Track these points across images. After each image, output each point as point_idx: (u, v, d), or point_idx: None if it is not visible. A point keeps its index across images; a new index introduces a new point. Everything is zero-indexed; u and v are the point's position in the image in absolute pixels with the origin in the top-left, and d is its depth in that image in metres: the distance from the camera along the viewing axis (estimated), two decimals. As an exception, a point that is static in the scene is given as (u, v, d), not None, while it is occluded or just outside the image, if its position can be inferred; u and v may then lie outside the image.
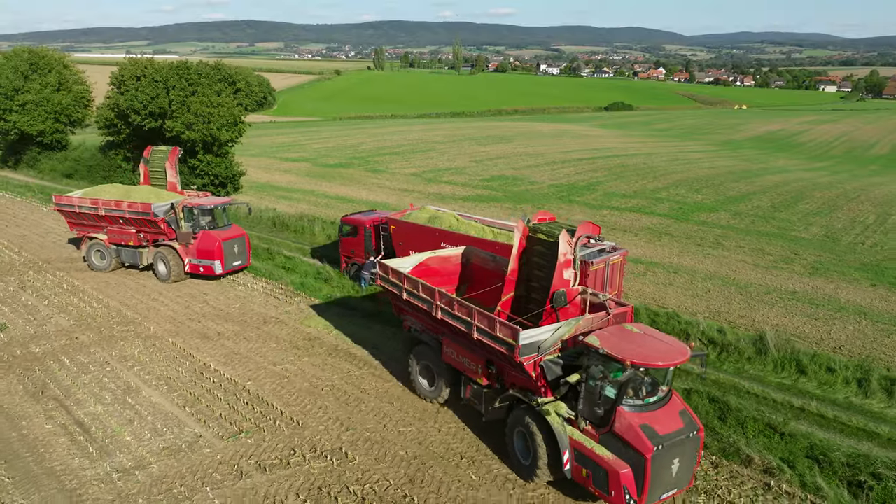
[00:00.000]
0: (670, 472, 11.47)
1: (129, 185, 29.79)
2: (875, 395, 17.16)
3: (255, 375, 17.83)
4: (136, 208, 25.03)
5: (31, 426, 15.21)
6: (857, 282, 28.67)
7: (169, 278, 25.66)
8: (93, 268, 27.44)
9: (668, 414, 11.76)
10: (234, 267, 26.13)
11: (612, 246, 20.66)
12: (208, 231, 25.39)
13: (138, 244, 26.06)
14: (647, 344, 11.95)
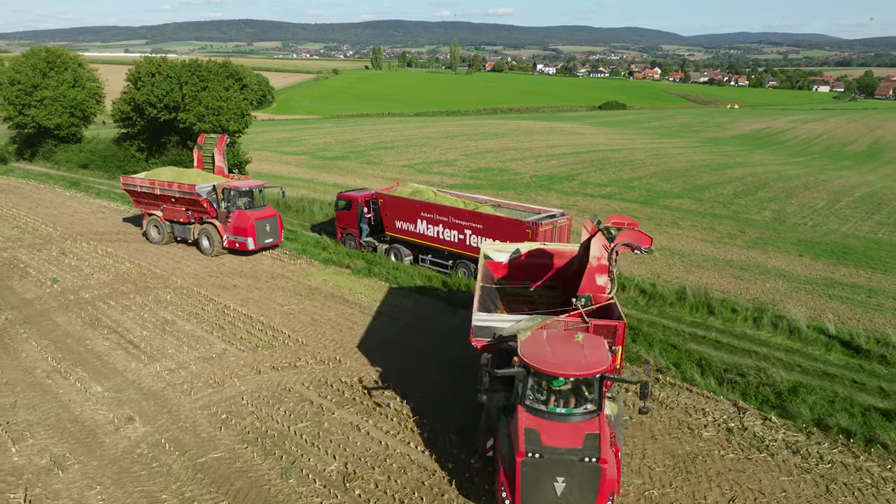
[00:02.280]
0: (553, 492, 10.86)
1: (182, 168, 32.71)
2: (765, 328, 21.43)
3: (267, 312, 22.07)
4: (183, 189, 28.14)
5: (94, 343, 19.45)
6: (787, 253, 32.93)
7: (212, 252, 28.67)
8: (150, 240, 30.95)
9: (569, 430, 11.08)
10: (266, 244, 28.74)
11: (560, 213, 24.97)
12: (243, 211, 28.15)
13: (187, 221, 29.23)
14: (563, 352, 11.68)
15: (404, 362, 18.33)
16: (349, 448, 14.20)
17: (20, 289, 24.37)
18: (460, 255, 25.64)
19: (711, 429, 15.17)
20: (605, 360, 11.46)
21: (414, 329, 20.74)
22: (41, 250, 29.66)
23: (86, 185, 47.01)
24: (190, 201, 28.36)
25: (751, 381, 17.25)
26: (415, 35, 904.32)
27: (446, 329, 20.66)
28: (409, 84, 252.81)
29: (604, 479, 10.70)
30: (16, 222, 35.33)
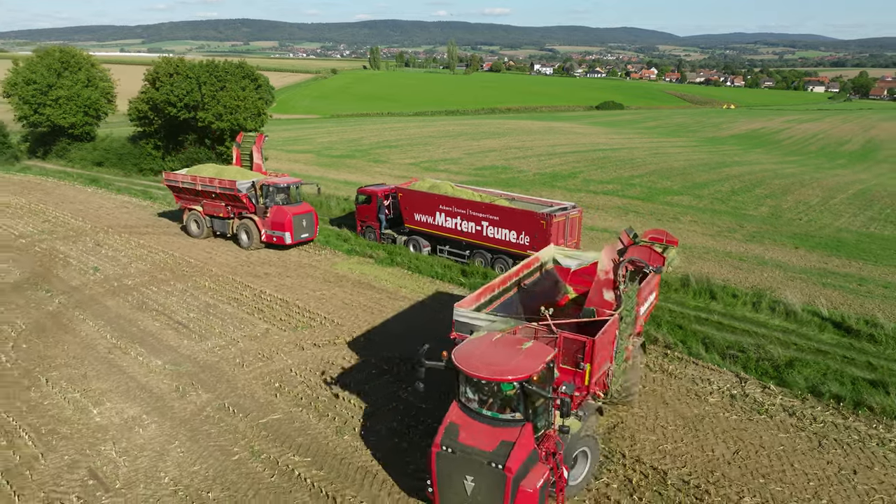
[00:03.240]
0: (463, 490, 11.10)
1: (221, 165, 33.85)
2: (763, 312, 23.16)
3: (301, 297, 23.73)
4: (224, 185, 29.40)
5: (145, 324, 21.08)
6: (783, 245, 34.68)
7: (250, 246, 29.99)
8: (190, 234, 32.30)
9: (487, 432, 11.12)
10: (303, 238, 30.00)
11: (572, 205, 26.67)
12: (281, 206, 29.34)
13: (227, 216, 30.61)
14: (490, 355, 11.55)
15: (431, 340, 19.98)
16: (392, 412, 15.86)
17: (65, 276, 25.96)
18: (477, 245, 27.30)
19: (716, 395, 16.88)
20: (525, 369, 10.96)
21: (438, 312, 22.38)
22: (76, 242, 31.23)
23: (105, 182, 48.53)
24: (230, 197, 29.62)
25: (751, 356, 18.97)
26: (411, 35, 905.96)
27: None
28: (408, 84, 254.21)
29: (508, 487, 10.61)
30: (45, 216, 36.88)
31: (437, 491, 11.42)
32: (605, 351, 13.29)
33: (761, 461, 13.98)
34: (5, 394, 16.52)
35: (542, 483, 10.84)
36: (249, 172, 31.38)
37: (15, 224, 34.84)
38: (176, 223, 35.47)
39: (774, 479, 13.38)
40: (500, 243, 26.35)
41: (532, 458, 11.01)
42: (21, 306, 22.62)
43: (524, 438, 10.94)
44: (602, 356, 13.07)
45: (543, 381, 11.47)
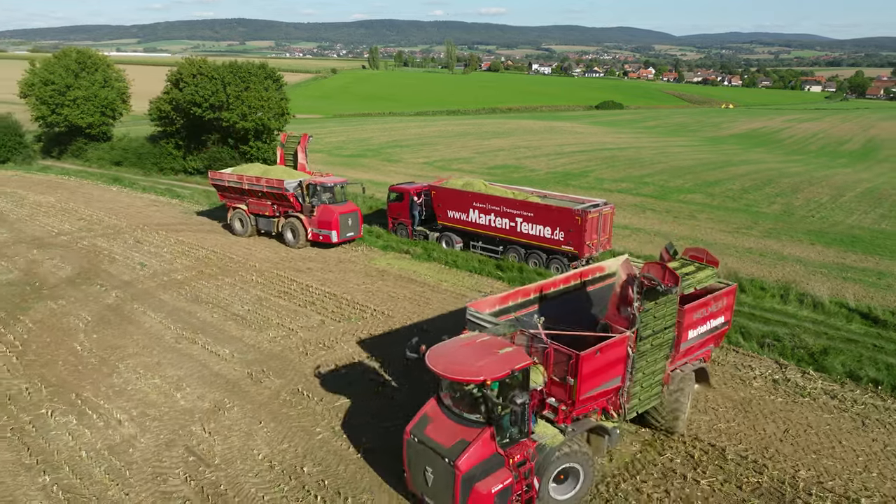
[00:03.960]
0: (424, 479, 11.63)
1: (267, 165, 34.17)
2: (791, 304, 24.19)
3: (347, 290, 24.66)
4: (271, 184, 29.89)
5: (203, 316, 21.99)
6: (800, 242, 35.73)
7: (297, 244, 30.54)
8: (234, 232, 32.87)
9: (451, 429, 11.53)
10: (348, 237, 30.47)
11: (604, 202, 27.64)
12: (328, 205, 29.90)
13: (272, 214, 31.15)
14: (460, 356, 11.76)
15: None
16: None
17: (115, 272, 26.84)
18: (511, 241, 28.24)
19: (759, 380, 17.88)
20: (483, 373, 10.96)
21: (482, 304, 23.31)
22: (116, 239, 32.09)
23: (128, 181, 49.36)
24: (277, 196, 30.12)
25: (786, 345, 19.98)
26: (408, 34, 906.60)
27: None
28: (408, 84, 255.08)
29: (457, 484, 10.92)
30: (78, 214, 37.72)
31: (407, 473, 12.21)
32: (603, 369, 12.63)
33: (810, 439, 14.98)
34: (91, 380, 17.43)
35: (500, 488, 11.05)
36: (295, 172, 31.85)
37: (51, 222, 35.68)
38: (209, 220, 36.41)
39: (825, 454, 14.37)
40: (534, 239, 27.30)
41: (492, 462, 11.21)
42: (80, 300, 23.50)
43: (482, 441, 11.15)
44: (596, 373, 12.49)
45: (516, 388, 11.46)
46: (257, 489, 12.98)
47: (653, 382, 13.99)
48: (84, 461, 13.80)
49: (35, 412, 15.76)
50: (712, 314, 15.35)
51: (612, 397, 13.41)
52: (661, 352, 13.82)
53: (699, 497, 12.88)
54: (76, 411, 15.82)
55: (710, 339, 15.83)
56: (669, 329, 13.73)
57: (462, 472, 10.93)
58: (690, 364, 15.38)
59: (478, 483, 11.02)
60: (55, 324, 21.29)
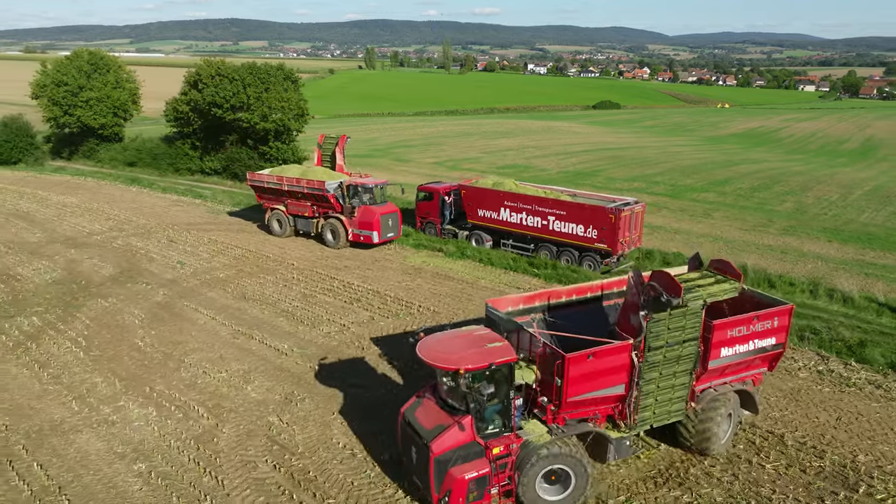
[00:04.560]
0: (410, 456, 12.48)
1: (304, 167, 34.05)
2: (821, 298, 24.95)
3: (388, 287, 25.24)
4: (312, 185, 30.00)
5: (254, 313, 22.55)
6: (817, 239, 36.50)
7: (337, 245, 30.61)
8: (272, 233, 33.04)
9: (435, 415, 12.32)
10: (388, 238, 30.66)
11: (634, 201, 28.32)
12: (369, 206, 30.07)
13: (312, 215, 31.31)
14: (447, 345, 12.41)
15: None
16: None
17: (156, 270, 27.34)
18: (543, 238, 28.86)
19: (804, 371, 18.57)
20: (458, 362, 11.49)
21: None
22: (149, 238, 32.55)
23: (147, 181, 49.71)
24: (318, 197, 30.26)
25: (824, 337, 20.70)
26: (401, 34, 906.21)
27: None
28: (405, 84, 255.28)
29: (431, 464, 11.54)
30: (105, 214, 38.14)
31: (400, 448, 13.14)
32: (598, 374, 12.52)
33: (863, 426, 15.67)
34: (160, 374, 17.97)
35: (475, 476, 11.60)
36: (334, 173, 32.00)
37: (80, 222, 36.10)
38: (238, 220, 36.90)
39: (879, 440, 15.07)
40: (566, 237, 27.92)
41: (471, 451, 11.78)
42: (130, 297, 24.00)
43: (460, 428, 11.77)
44: (588, 378, 12.40)
45: (498, 382, 11.94)
46: (345, 475, 13.57)
47: (672, 397, 13.55)
48: (173, 450, 14.35)
49: (114, 404, 16.28)
50: (756, 333, 14.03)
51: (617, 406, 13.21)
52: (680, 366, 13.28)
53: (766, 480, 13.53)
54: (153, 403, 16.36)
55: (758, 361, 14.61)
56: (691, 343, 13.17)
57: (435, 455, 11.61)
58: (730, 385, 14.43)
59: (453, 468, 11.65)
60: (110, 321, 21.79)
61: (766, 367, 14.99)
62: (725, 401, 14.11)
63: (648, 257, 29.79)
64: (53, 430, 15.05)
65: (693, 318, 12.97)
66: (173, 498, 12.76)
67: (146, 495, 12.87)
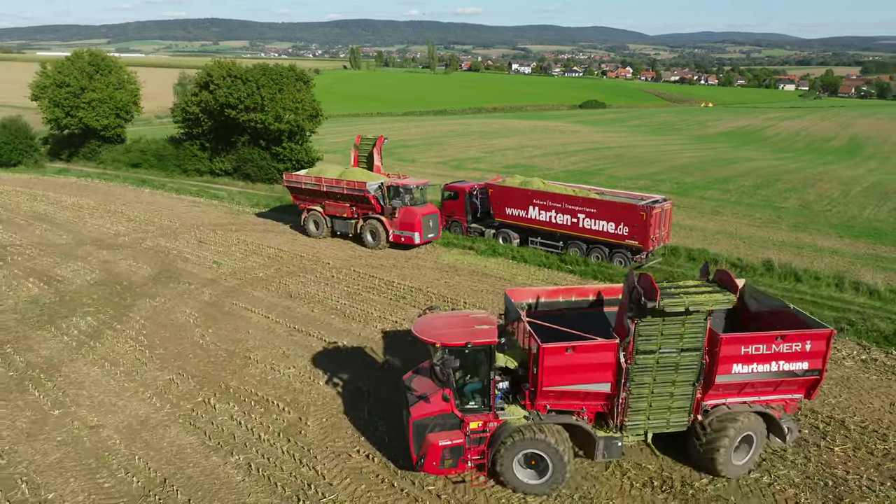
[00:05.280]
0: (402, 418, 14.26)
1: (342, 167, 33.81)
2: (847, 291, 25.86)
3: (429, 285, 25.75)
4: (352, 186, 30.11)
5: (303, 311, 22.97)
6: (828, 235, 37.53)
7: (377, 246, 30.80)
8: (308, 234, 33.08)
9: (425, 385, 13.49)
10: (429, 238, 30.82)
11: (662, 198, 29.06)
12: (410, 207, 30.16)
13: (351, 216, 31.43)
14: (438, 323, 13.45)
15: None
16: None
17: (194, 270, 27.60)
18: (572, 236, 29.53)
19: (849, 361, 19.39)
20: (440, 339, 12.59)
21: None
22: (177, 239, 32.76)
23: (157, 183, 49.74)
24: (358, 198, 30.39)
25: (860, 328, 21.54)
26: (383, 34, 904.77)
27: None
28: (391, 84, 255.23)
29: (410, 427, 12.81)
30: (125, 216, 38.23)
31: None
32: (578, 368, 12.70)
33: (916, 410, 16.48)
34: (229, 370, 18.35)
35: (448, 444, 12.65)
36: (374, 174, 32.09)
37: (102, 223, 36.19)
38: (262, 221, 37.24)
39: (934, 423, 15.87)
40: (597, 234, 28.61)
41: (448, 421, 12.79)
42: (176, 297, 24.29)
43: (438, 398, 12.85)
44: (566, 370, 12.65)
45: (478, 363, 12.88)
46: (438, 464, 14.06)
47: (670, 406, 13.33)
48: (264, 443, 14.76)
49: (193, 400, 16.65)
50: (781, 355, 12.98)
51: (607, 404, 13.27)
52: (679, 375, 13.00)
53: (837, 462, 14.26)
54: (232, 399, 16.75)
55: (788, 385, 13.48)
56: (691, 353, 12.83)
57: (413, 419, 12.85)
58: (749, 406, 13.54)
59: (430, 434, 12.77)
60: (164, 320, 22.08)
61: (801, 394, 13.68)
62: (739, 421, 13.23)
63: (674, 254, 30.59)
64: (142, 426, 15.39)
65: (693, 327, 12.61)
66: (277, 487, 13.19)
67: (250, 485, 13.28)
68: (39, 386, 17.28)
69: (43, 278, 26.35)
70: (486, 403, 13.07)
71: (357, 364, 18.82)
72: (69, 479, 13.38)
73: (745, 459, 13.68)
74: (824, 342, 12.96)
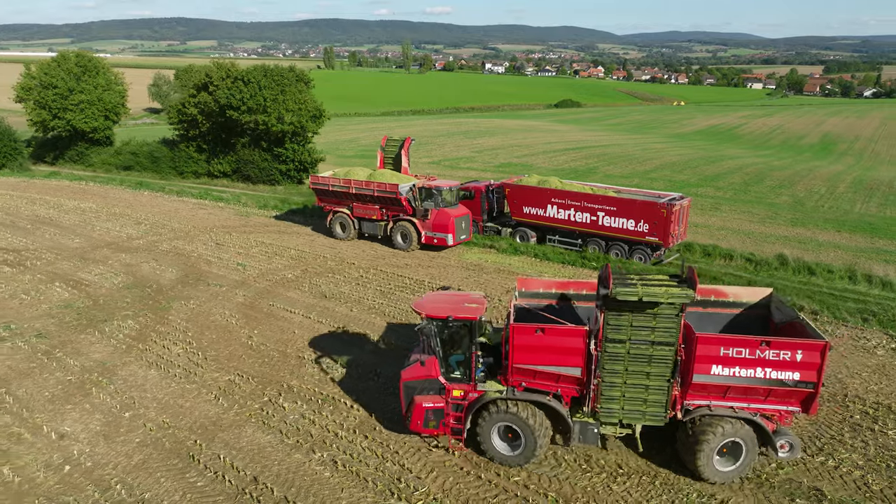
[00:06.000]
0: None
1: (370, 169, 33.47)
2: (860, 283, 26.85)
3: (459, 283, 26.12)
4: (384, 188, 30.05)
5: (342, 310, 23.20)
6: (826, 230, 38.76)
7: (408, 248, 30.78)
8: (335, 236, 32.97)
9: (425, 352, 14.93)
10: (461, 240, 30.81)
11: (679, 196, 29.82)
12: (444, 209, 30.11)
13: (381, 218, 31.40)
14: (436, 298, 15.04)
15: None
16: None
17: (220, 272, 27.61)
18: (591, 234, 30.16)
19: (881, 350, 20.26)
20: (427, 311, 14.06)
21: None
22: (193, 241, 32.65)
23: (157, 186, 49.20)
24: (390, 200, 30.39)
25: (882, 318, 22.47)
26: (353, 34, 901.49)
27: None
28: (367, 84, 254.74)
29: (401, 386, 14.50)
30: (133, 219, 37.94)
31: None
32: (548, 349, 13.31)
33: (953, 394, 17.35)
34: (287, 370, 18.54)
35: (431, 406, 14.25)
36: (403, 176, 32.10)
37: (111, 227, 35.88)
38: (275, 222, 37.25)
39: (973, 406, 16.73)
40: (617, 231, 29.27)
41: (434, 386, 14.30)
42: (210, 299, 24.31)
43: (428, 365, 14.40)
44: (536, 350, 13.34)
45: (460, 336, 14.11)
46: (516, 455, 14.49)
47: (645, 398, 13.41)
48: (342, 439, 15.03)
49: (259, 400, 16.82)
50: (769, 362, 12.72)
51: (577, 388, 13.68)
52: (653, 368, 13.10)
53: (894, 446, 14.99)
54: (297, 397, 16.96)
55: (780, 396, 13.07)
56: (665, 347, 12.90)
57: (402, 380, 14.56)
58: (734, 411, 13.21)
59: (417, 395, 14.34)
60: (206, 322, 22.13)
61: (796, 408, 13.13)
62: (722, 426, 13.11)
63: (689, 249, 31.40)
64: (216, 426, 15.53)
65: (665, 321, 12.70)
66: (368, 482, 13.48)
67: (340, 480, 13.55)
68: (101, 389, 17.28)
69: (69, 282, 26.14)
70: (467, 374, 14.24)
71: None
72: (160, 478, 13.51)
73: (733, 468, 13.42)
74: (818, 354, 12.45)
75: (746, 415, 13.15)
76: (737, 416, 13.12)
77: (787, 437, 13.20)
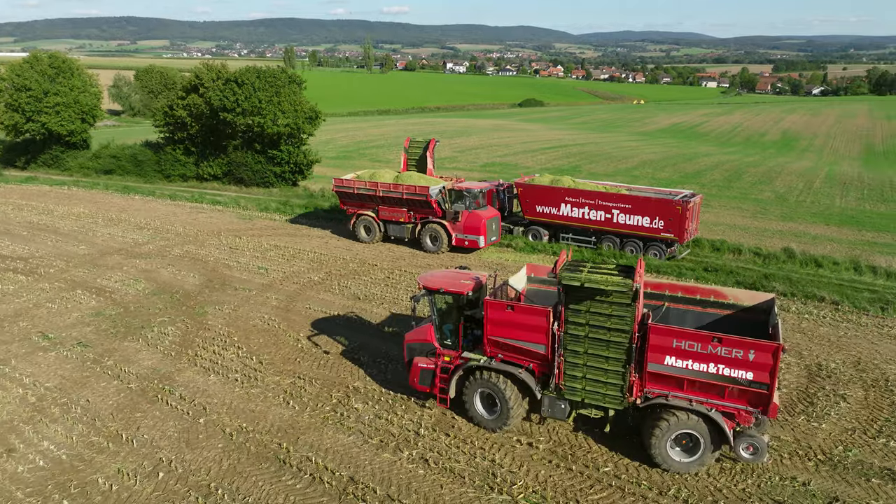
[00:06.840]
0: None
1: (395, 171, 33.26)
2: (865, 274, 28.17)
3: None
4: (412, 190, 29.78)
5: (380, 311, 23.36)
6: (815, 223, 40.33)
7: (438, 250, 30.58)
8: (359, 239, 32.69)
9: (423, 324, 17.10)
10: (492, 242, 30.89)
11: (691, 193, 30.74)
12: (475, 211, 30.06)
13: (408, 220, 31.18)
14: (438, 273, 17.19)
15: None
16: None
17: (243, 276, 27.44)
18: (606, 231, 30.86)
19: (905, 336, 21.36)
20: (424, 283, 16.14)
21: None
22: (205, 246, 32.30)
23: (146, 190, 48.39)
24: (419, 202, 30.17)
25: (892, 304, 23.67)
26: (309, 33, 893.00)
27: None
28: (331, 84, 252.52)
29: (404, 346, 17.01)
30: (133, 224, 37.32)
31: None
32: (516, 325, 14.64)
33: (983, 376, 18.45)
34: (348, 372, 18.67)
35: (425, 367, 16.24)
36: (431, 178, 31.96)
37: (114, 232, 35.24)
38: (282, 225, 37.04)
39: None
40: (631, 228, 30.03)
41: (430, 349, 16.32)
42: (243, 303, 24.18)
43: (426, 330, 16.49)
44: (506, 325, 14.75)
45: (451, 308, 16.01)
46: (600, 444, 14.95)
47: (605, 381, 14.12)
48: (425, 438, 15.24)
49: (329, 402, 16.91)
50: (721, 358, 13.02)
51: (544, 364, 14.76)
52: (610, 352, 13.81)
53: (942, 425, 15.94)
54: (369, 399, 17.11)
55: (736, 394, 13.27)
56: (619, 333, 13.60)
57: (406, 341, 17.00)
58: (690, 403, 13.50)
59: (416, 356, 16.57)
60: (247, 325, 22.05)
61: (756, 408, 13.22)
62: (675, 416, 13.53)
63: (698, 244, 32.34)
64: (294, 429, 15.58)
65: (618, 308, 13.38)
66: (465, 478, 13.76)
67: (437, 476, 13.79)
68: (166, 396, 17.15)
69: (91, 290, 25.67)
70: (455, 343, 16.02)
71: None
72: (257, 482, 13.55)
73: (691, 459, 13.73)
74: (770, 355, 12.61)
75: (702, 409, 13.40)
76: (691, 408, 13.44)
77: (752, 439, 13.39)
